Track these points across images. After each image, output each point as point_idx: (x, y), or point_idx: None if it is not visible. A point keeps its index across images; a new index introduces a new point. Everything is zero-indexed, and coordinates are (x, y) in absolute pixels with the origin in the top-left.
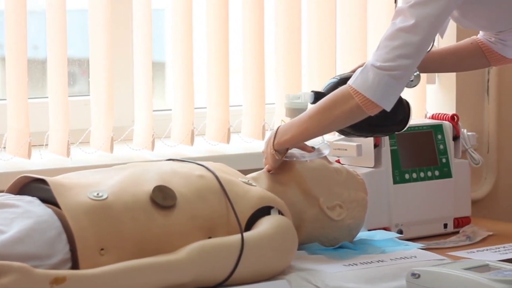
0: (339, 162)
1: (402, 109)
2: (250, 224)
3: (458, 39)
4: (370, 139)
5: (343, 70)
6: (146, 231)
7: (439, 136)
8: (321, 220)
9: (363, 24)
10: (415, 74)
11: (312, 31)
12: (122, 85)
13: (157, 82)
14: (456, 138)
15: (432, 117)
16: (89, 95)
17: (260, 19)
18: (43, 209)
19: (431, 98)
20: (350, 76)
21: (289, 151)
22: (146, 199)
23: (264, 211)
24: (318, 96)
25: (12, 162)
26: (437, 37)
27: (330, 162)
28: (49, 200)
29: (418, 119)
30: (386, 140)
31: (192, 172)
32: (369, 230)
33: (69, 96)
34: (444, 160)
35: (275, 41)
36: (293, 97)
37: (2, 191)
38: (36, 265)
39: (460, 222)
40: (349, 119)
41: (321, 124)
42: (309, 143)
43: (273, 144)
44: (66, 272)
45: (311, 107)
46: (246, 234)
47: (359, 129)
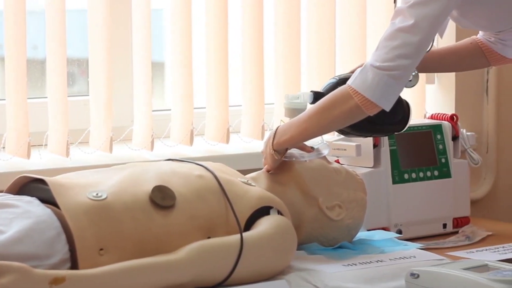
0: (338, 162)
1: (401, 109)
2: (250, 224)
3: (457, 39)
4: (369, 139)
5: (342, 70)
6: (145, 231)
7: (438, 136)
8: (320, 220)
9: (363, 24)
10: (414, 74)
11: (312, 31)
12: (121, 85)
13: (156, 82)
14: (455, 138)
15: (431, 117)
16: (89, 95)
17: (259, 19)
18: (42, 209)
19: (431, 98)
20: (350, 77)
21: (288, 151)
22: (145, 199)
23: (264, 211)
24: (317, 96)
25: (12, 162)
26: (437, 37)
27: (329, 162)
28: (48, 200)
29: (417, 119)
30: (385, 140)
31: (192, 172)
32: (368, 230)
33: (69, 96)
34: (443, 160)
35: (274, 41)
36: (292, 97)
37: (1, 191)
38: (35, 265)
39: (459, 222)
40: (349, 119)
41: (320, 124)
42: (308, 143)
43: (272, 144)
44: (65, 272)
45: (310, 107)
46: (245, 234)
47: (358, 129)
